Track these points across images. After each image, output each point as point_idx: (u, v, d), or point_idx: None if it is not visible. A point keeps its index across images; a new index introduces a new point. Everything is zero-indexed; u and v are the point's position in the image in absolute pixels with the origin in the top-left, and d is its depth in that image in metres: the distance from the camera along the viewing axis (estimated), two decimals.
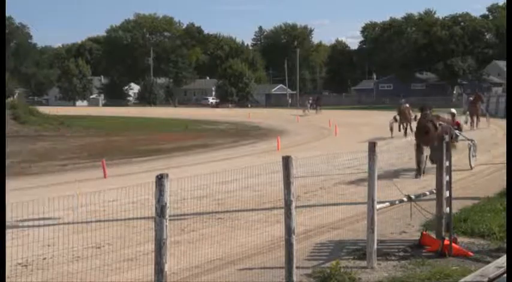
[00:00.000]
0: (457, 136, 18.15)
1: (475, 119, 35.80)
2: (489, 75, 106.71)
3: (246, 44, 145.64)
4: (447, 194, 8.96)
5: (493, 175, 17.14)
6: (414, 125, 23.34)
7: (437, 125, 16.65)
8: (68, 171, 21.16)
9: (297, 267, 7.02)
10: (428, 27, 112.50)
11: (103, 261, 8.37)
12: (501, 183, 13.15)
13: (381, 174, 9.71)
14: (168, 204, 5.72)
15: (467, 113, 36.61)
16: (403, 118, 31.36)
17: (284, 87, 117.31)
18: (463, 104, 58.84)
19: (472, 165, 17.96)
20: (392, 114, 33.55)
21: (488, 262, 8.05)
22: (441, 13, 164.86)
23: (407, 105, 33.00)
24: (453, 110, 21.23)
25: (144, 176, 16.16)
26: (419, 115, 19.41)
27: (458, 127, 19.47)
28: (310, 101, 71.73)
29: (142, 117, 63.24)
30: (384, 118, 37.79)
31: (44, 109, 57.02)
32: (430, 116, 16.95)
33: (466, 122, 33.39)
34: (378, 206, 8.26)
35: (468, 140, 18.56)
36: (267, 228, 10.39)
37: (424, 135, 16.48)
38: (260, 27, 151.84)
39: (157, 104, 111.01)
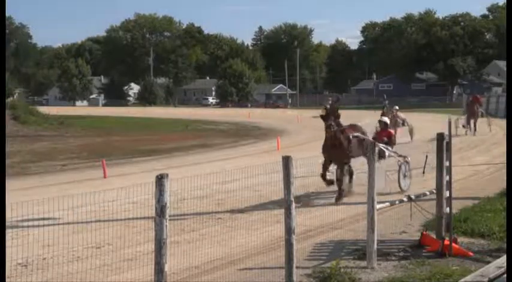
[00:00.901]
0: (383, 152, 14.26)
1: (472, 123, 32.41)
2: (489, 75, 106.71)
3: (246, 44, 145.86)
4: (447, 194, 8.96)
5: (493, 175, 17.13)
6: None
7: (351, 137, 13.38)
8: (68, 171, 21.17)
9: (297, 267, 7.01)
10: (428, 27, 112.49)
11: (103, 261, 8.37)
12: (501, 183, 13.14)
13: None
14: (168, 204, 5.72)
15: (464, 116, 33.64)
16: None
17: (284, 87, 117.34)
18: (463, 104, 58.97)
19: (404, 188, 13.89)
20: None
21: (488, 262, 8.05)
22: (441, 13, 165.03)
23: (396, 108, 29.42)
24: (385, 119, 17.42)
25: (144, 176, 16.16)
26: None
27: (390, 140, 15.47)
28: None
29: (142, 117, 63.25)
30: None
31: (43, 109, 57.06)
32: (335, 124, 13.18)
33: (463, 126, 31.59)
34: (378, 206, 8.26)
35: (399, 156, 14.78)
36: (267, 228, 10.39)
37: (331, 149, 13.20)
38: (260, 27, 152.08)
39: (157, 104, 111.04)
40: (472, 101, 34.82)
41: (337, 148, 13.06)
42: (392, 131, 16.60)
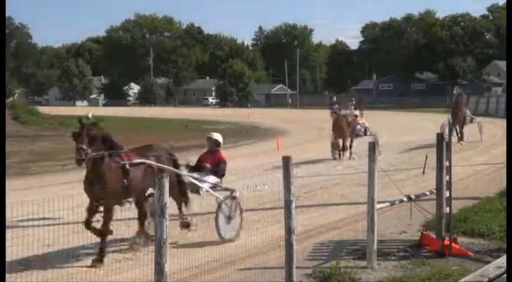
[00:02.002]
0: (196, 186, 10.14)
1: (458, 129, 26.51)
2: (489, 75, 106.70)
3: (246, 44, 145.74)
4: (447, 194, 8.96)
5: (493, 175, 17.13)
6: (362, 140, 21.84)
7: (127, 166, 9.02)
8: (68, 171, 21.13)
9: (297, 267, 7.01)
10: (428, 27, 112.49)
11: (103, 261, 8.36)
12: (501, 183, 13.14)
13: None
14: (168, 204, 5.72)
15: (448, 121, 25.80)
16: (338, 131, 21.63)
17: (284, 87, 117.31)
18: (463, 104, 58.94)
19: (225, 236, 9.64)
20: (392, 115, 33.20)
21: (488, 262, 8.05)
22: (441, 13, 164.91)
23: (357, 113, 23.65)
24: (216, 136, 10.93)
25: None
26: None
27: (217, 167, 10.58)
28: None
29: (142, 117, 63.20)
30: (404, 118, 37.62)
31: (43, 109, 57.02)
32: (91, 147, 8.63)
33: (456, 132, 25.46)
34: (378, 206, 8.26)
35: (225, 190, 10.30)
36: (267, 228, 10.39)
37: (90, 183, 8.77)
38: (260, 27, 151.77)
39: (157, 104, 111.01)
40: (456, 101, 29.78)
41: (96, 181, 8.64)
42: (223, 154, 10.87)
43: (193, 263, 8.18)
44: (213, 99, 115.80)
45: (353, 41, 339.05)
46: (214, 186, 10.19)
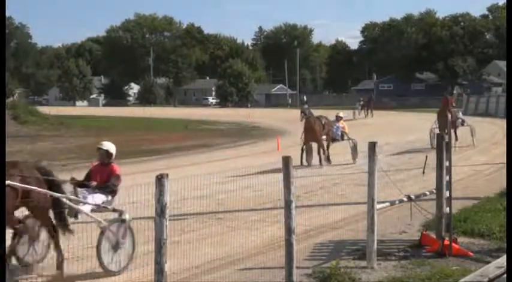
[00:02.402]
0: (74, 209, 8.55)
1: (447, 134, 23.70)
2: (489, 75, 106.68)
3: (246, 44, 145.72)
4: (447, 194, 8.96)
5: (493, 175, 17.13)
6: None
7: None
8: (68, 171, 21.13)
9: (297, 267, 7.02)
10: (428, 27, 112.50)
11: None
12: (501, 183, 13.14)
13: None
14: (168, 204, 5.72)
15: (435, 125, 24.27)
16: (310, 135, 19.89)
17: (284, 87, 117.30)
18: (463, 104, 58.98)
19: (110, 268, 8.12)
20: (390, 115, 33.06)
21: (488, 262, 8.05)
22: (441, 13, 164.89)
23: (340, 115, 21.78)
24: (107, 145, 9.66)
25: (144, 176, 16.15)
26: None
27: (105, 185, 8.98)
28: (361, 102, 56.12)
29: (142, 117, 63.22)
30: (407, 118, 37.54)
31: (43, 109, 57.04)
32: None
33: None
34: (378, 206, 8.26)
35: (114, 211, 8.80)
36: (267, 228, 10.39)
37: None
38: (260, 27, 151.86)
39: (157, 104, 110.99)
40: (442, 103, 27.22)
41: None
42: (117, 167, 9.29)
43: (193, 263, 8.18)
44: (213, 99, 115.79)
45: (353, 41, 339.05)
46: (98, 207, 8.60)
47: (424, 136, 25.53)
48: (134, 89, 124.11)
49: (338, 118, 21.44)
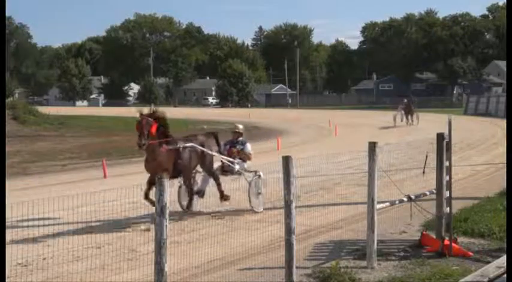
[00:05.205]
0: None
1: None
2: (489, 75, 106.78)
3: (246, 44, 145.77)
4: (447, 194, 8.96)
5: (493, 175, 17.13)
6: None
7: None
8: (68, 171, 21.16)
9: (297, 267, 7.02)
10: (428, 27, 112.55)
11: (103, 261, 8.36)
12: (501, 183, 13.14)
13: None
14: (168, 204, 5.72)
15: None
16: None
17: (284, 87, 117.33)
18: (464, 104, 58.96)
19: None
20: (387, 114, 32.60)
21: (488, 262, 8.05)
22: (441, 13, 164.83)
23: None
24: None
25: (144, 176, 16.14)
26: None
27: None
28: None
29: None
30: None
31: (43, 109, 57.04)
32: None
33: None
34: (378, 206, 8.26)
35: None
36: (267, 228, 10.39)
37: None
38: (260, 27, 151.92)
39: (157, 104, 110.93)
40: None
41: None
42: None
43: (193, 263, 8.18)
44: (213, 99, 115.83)
45: (353, 41, 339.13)
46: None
47: (425, 135, 25.53)
48: (134, 89, 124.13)
49: (235, 134, 13.09)
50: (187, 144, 11.47)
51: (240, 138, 13.03)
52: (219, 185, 12.13)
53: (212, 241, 9.41)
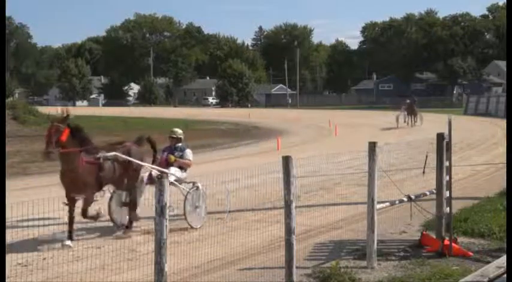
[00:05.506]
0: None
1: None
2: (489, 75, 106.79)
3: (246, 44, 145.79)
4: (447, 194, 8.96)
5: (493, 175, 17.13)
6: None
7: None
8: None
9: (297, 267, 7.01)
10: (428, 27, 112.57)
11: (103, 261, 8.37)
12: (501, 183, 13.14)
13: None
14: (168, 204, 5.72)
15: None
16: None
17: (284, 87, 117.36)
18: (464, 104, 58.97)
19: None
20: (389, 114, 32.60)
21: (488, 262, 8.05)
22: (441, 13, 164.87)
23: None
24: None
25: (143, 176, 16.13)
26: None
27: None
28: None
29: (142, 117, 63.20)
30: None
31: (43, 109, 57.02)
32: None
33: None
34: (378, 206, 8.26)
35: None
36: (267, 228, 10.39)
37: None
38: (260, 27, 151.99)
39: (157, 104, 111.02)
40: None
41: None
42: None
43: (193, 263, 8.18)
44: (213, 99, 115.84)
45: (353, 41, 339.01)
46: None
47: (426, 135, 25.54)
48: (134, 89, 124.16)
49: (172, 140, 11.98)
50: (109, 154, 9.92)
51: (179, 144, 11.70)
52: (131, 205, 10.32)
53: (212, 241, 9.41)
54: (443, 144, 8.89)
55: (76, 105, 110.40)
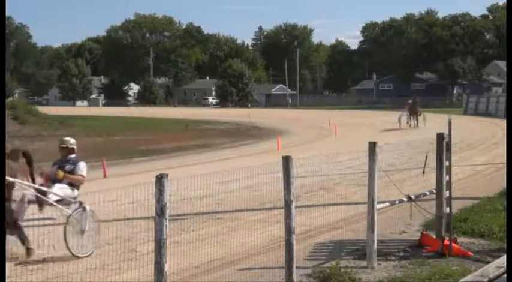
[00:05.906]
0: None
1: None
2: (489, 75, 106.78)
3: (246, 44, 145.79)
4: (447, 194, 8.96)
5: (493, 175, 17.13)
6: None
7: None
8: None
9: (297, 267, 7.01)
10: (428, 27, 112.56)
11: (103, 261, 8.36)
12: (501, 183, 13.14)
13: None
14: (168, 204, 5.72)
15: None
16: None
17: (284, 87, 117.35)
18: (463, 104, 58.98)
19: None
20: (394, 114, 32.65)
21: (488, 262, 8.05)
22: (441, 13, 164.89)
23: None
24: None
25: (144, 176, 16.15)
26: None
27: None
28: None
29: (142, 117, 63.22)
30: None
31: (43, 109, 57.07)
32: None
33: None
34: (378, 206, 8.26)
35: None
36: (267, 228, 10.38)
37: None
38: (260, 27, 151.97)
39: (157, 104, 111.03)
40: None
41: None
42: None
43: (193, 263, 8.18)
44: (213, 99, 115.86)
45: (353, 41, 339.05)
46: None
47: (427, 135, 25.53)
48: (134, 89, 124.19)
49: (63, 150, 10.04)
50: None
51: (72, 156, 9.78)
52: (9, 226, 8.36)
53: (212, 241, 9.41)
54: (443, 144, 8.89)
55: (76, 105, 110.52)
